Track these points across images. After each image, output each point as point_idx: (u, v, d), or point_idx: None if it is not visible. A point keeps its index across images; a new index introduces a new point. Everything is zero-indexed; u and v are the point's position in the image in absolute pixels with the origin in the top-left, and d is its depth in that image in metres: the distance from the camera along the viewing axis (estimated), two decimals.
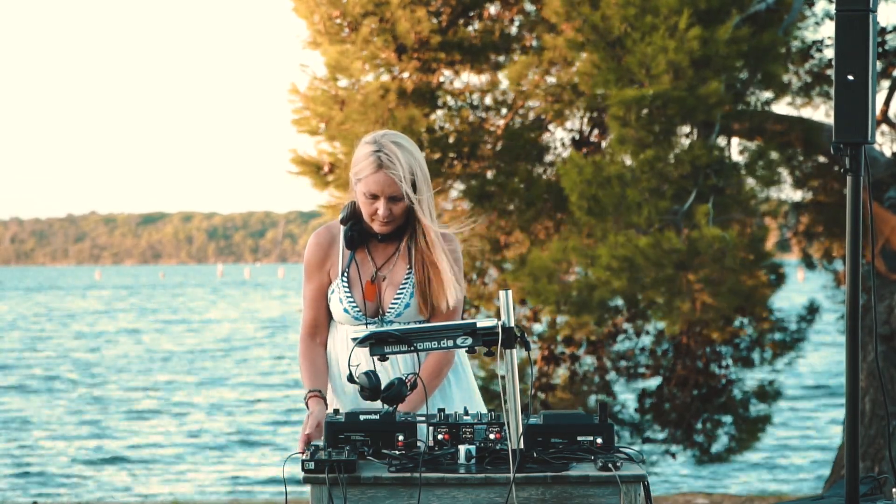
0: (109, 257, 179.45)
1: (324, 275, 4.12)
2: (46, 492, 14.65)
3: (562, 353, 9.97)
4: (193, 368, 31.29)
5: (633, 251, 7.72)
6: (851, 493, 3.92)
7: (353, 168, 4.03)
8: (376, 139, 4.01)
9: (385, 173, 3.95)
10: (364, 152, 4.00)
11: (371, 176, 3.96)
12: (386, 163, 3.95)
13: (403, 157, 3.96)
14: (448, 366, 4.08)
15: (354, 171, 4.02)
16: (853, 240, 3.96)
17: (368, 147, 4.00)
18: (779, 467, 16.44)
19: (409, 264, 4.07)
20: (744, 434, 9.78)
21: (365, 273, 4.08)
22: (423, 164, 4.03)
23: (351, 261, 4.09)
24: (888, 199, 8.97)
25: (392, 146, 3.97)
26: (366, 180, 3.98)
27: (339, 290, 4.07)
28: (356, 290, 4.06)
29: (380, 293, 4.07)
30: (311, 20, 9.02)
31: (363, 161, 3.99)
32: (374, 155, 3.97)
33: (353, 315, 4.04)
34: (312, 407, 3.94)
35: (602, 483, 3.42)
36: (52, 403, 23.77)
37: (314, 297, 4.12)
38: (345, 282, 4.07)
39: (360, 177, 4.00)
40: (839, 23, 3.91)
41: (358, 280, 4.07)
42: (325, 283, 4.11)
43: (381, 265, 4.09)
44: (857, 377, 3.98)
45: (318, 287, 4.11)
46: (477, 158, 9.06)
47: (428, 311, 4.05)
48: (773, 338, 9.81)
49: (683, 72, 7.72)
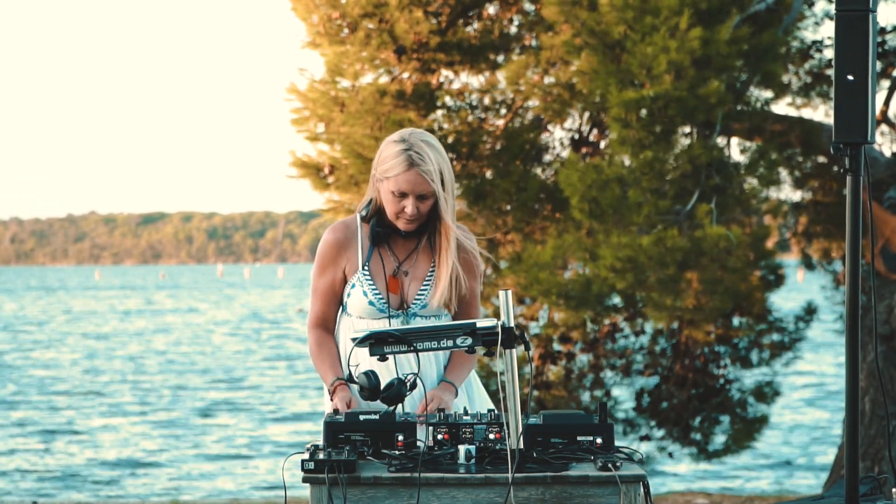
0: (109, 257, 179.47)
1: (338, 270, 4.14)
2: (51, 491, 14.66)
3: (558, 352, 9.97)
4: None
5: (637, 251, 7.72)
6: (851, 493, 3.92)
7: (380, 166, 4.04)
8: (405, 138, 4.02)
9: (416, 171, 3.97)
10: (393, 151, 4.01)
11: (402, 174, 3.98)
12: (417, 161, 3.97)
13: (433, 156, 4.00)
14: (470, 369, 4.16)
15: (381, 170, 4.03)
16: (853, 240, 3.96)
17: (397, 146, 4.01)
18: (779, 467, 16.44)
19: (433, 259, 4.11)
20: (741, 434, 9.78)
21: (387, 267, 4.11)
22: (449, 164, 4.07)
23: (371, 255, 4.11)
24: (888, 199, 8.97)
25: (422, 144, 4.00)
26: (395, 179, 3.99)
27: (363, 283, 4.09)
28: (380, 283, 4.08)
29: (403, 287, 4.09)
30: (310, 21, 9.02)
31: (393, 159, 4.00)
32: (404, 153, 3.98)
33: (379, 307, 4.07)
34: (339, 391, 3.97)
35: (602, 483, 3.42)
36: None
37: (325, 291, 4.14)
38: (367, 275, 4.09)
39: (388, 175, 4.01)
40: (839, 23, 3.91)
41: (381, 273, 4.09)
42: (338, 278, 4.13)
43: (402, 260, 4.12)
44: (857, 377, 3.98)
45: (330, 281, 4.14)
46: (476, 158, 9.06)
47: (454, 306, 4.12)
48: (772, 338, 9.81)
49: (685, 72, 7.72)
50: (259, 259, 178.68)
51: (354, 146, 8.69)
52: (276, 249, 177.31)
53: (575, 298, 8.13)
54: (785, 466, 16.49)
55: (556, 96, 8.94)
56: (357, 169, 8.75)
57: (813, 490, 13.66)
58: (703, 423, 9.92)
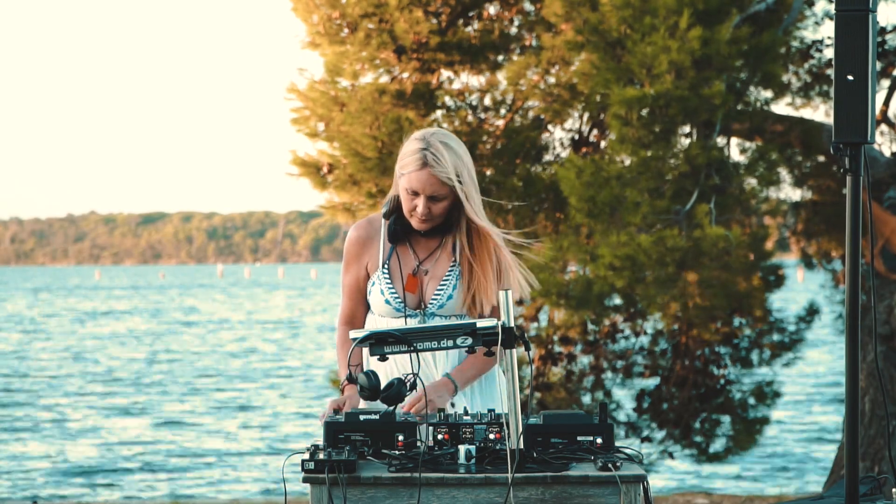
0: (109, 257, 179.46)
1: (361, 267, 4.15)
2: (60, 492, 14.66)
3: (559, 353, 9.97)
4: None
5: (636, 249, 7.71)
6: (851, 493, 3.92)
7: (399, 162, 4.05)
8: (425, 136, 4.02)
9: (429, 172, 3.97)
10: (411, 148, 4.02)
11: (415, 173, 3.99)
12: (431, 161, 3.97)
13: (450, 158, 3.98)
14: (482, 372, 4.14)
15: (400, 166, 4.05)
16: (853, 240, 3.96)
17: (416, 144, 4.01)
18: (779, 467, 16.44)
19: (454, 258, 4.10)
20: (742, 434, 9.77)
21: (406, 266, 4.11)
22: (471, 167, 4.04)
23: (392, 253, 4.11)
24: (888, 199, 8.97)
25: (440, 146, 3.99)
26: (409, 176, 4.00)
27: (381, 281, 4.10)
28: (397, 282, 4.09)
29: (422, 286, 4.10)
30: (310, 21, 9.02)
31: (409, 157, 4.01)
32: (420, 152, 3.98)
33: (395, 306, 4.08)
34: (347, 391, 3.99)
35: (602, 483, 3.42)
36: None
37: (351, 289, 4.17)
38: (385, 273, 4.10)
39: (404, 172, 4.02)
40: (839, 23, 3.91)
41: (399, 272, 4.10)
42: (362, 275, 4.15)
43: (423, 259, 4.12)
44: (857, 377, 3.98)
45: (355, 279, 4.16)
46: (476, 158, 9.06)
47: (477, 310, 4.09)
48: (772, 339, 9.80)
49: (685, 71, 7.72)
50: (259, 259, 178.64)
51: (353, 145, 8.69)
52: (275, 249, 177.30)
53: (575, 298, 8.13)
54: (785, 466, 16.49)
55: (556, 96, 8.94)
56: (356, 168, 8.75)
57: (813, 490, 13.66)
58: (703, 424, 9.92)
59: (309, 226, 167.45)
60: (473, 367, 4.10)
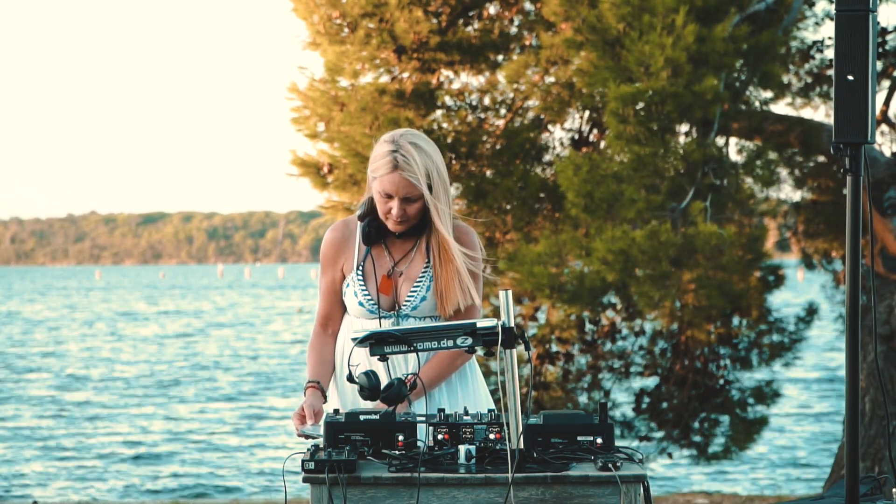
0: (109, 257, 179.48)
1: (337, 269, 4.16)
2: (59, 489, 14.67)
3: (556, 353, 9.97)
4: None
5: (629, 244, 7.72)
6: (851, 493, 3.92)
7: (371, 165, 4.04)
8: (395, 139, 4.00)
9: (400, 174, 3.95)
10: (381, 151, 4.00)
11: (386, 176, 3.97)
12: (402, 164, 3.95)
13: (420, 159, 3.96)
14: (452, 369, 4.10)
15: (371, 169, 4.04)
16: (853, 240, 3.96)
17: (386, 146, 3.99)
18: (779, 467, 16.44)
19: (427, 259, 4.09)
20: (741, 434, 9.77)
21: (381, 268, 4.11)
22: (442, 166, 4.02)
23: (367, 255, 4.11)
24: (888, 199, 8.97)
25: (409, 147, 3.96)
26: (381, 179, 3.99)
27: (355, 283, 4.10)
28: (371, 284, 4.09)
29: (396, 287, 4.09)
30: (311, 21, 9.03)
31: (380, 160, 3.99)
32: (390, 155, 3.97)
33: (368, 308, 4.07)
34: (308, 396, 4.01)
35: (602, 483, 3.42)
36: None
37: (327, 290, 4.17)
38: (360, 276, 4.10)
39: (375, 175, 4.01)
40: (839, 23, 3.91)
41: (373, 274, 4.09)
42: (338, 277, 4.15)
43: (398, 260, 4.11)
44: (857, 377, 3.98)
45: (331, 280, 4.16)
46: (476, 158, 9.06)
47: (447, 310, 4.06)
48: (771, 339, 9.80)
49: (681, 69, 7.72)
50: (259, 259, 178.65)
51: (353, 145, 8.70)
52: (276, 249, 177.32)
53: (569, 292, 8.13)
54: (785, 467, 16.49)
55: (555, 96, 8.94)
56: (356, 168, 8.76)
57: (813, 490, 13.66)
58: (702, 423, 9.92)
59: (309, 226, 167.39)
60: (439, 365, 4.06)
